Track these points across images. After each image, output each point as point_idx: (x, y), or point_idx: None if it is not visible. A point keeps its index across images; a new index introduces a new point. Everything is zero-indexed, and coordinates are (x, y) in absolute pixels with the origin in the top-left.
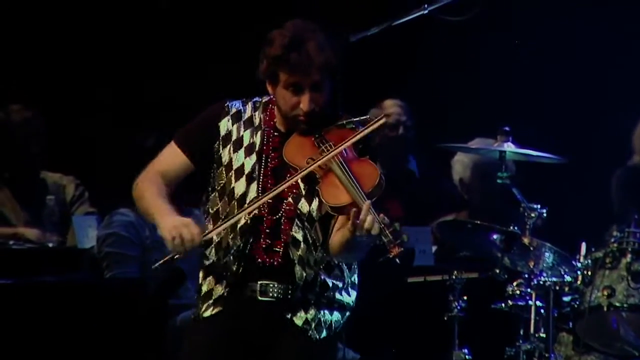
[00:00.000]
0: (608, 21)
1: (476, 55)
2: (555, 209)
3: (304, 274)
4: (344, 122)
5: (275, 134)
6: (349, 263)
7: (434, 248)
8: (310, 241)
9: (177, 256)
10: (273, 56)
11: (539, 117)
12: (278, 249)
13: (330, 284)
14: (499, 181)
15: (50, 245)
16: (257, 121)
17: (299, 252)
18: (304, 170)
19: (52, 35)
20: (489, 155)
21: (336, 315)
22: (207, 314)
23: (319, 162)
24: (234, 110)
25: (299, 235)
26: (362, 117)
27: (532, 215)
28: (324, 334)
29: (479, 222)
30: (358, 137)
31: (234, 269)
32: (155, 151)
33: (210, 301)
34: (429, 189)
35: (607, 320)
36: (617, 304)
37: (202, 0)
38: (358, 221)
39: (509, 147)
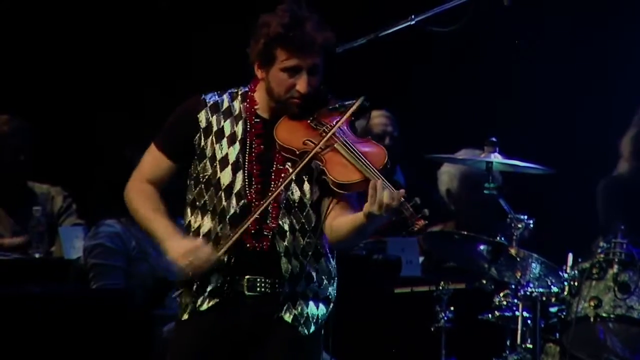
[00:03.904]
0: (595, 32)
1: (463, 66)
2: (542, 220)
3: (290, 267)
4: (337, 105)
5: (257, 120)
6: (330, 251)
7: (420, 259)
8: (298, 227)
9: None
10: (273, 35)
11: (526, 128)
12: (267, 233)
13: (315, 275)
14: (485, 192)
15: (37, 256)
16: (236, 111)
17: (285, 243)
18: (316, 147)
19: (40, 44)
20: (476, 166)
21: (322, 309)
22: (205, 307)
23: (327, 137)
24: (211, 102)
25: (286, 225)
26: (352, 101)
27: (519, 226)
28: (312, 328)
29: (465, 232)
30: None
31: (224, 258)
32: None
33: (206, 293)
34: None
35: (594, 331)
36: (604, 315)
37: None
38: (377, 198)
39: (496, 157)
